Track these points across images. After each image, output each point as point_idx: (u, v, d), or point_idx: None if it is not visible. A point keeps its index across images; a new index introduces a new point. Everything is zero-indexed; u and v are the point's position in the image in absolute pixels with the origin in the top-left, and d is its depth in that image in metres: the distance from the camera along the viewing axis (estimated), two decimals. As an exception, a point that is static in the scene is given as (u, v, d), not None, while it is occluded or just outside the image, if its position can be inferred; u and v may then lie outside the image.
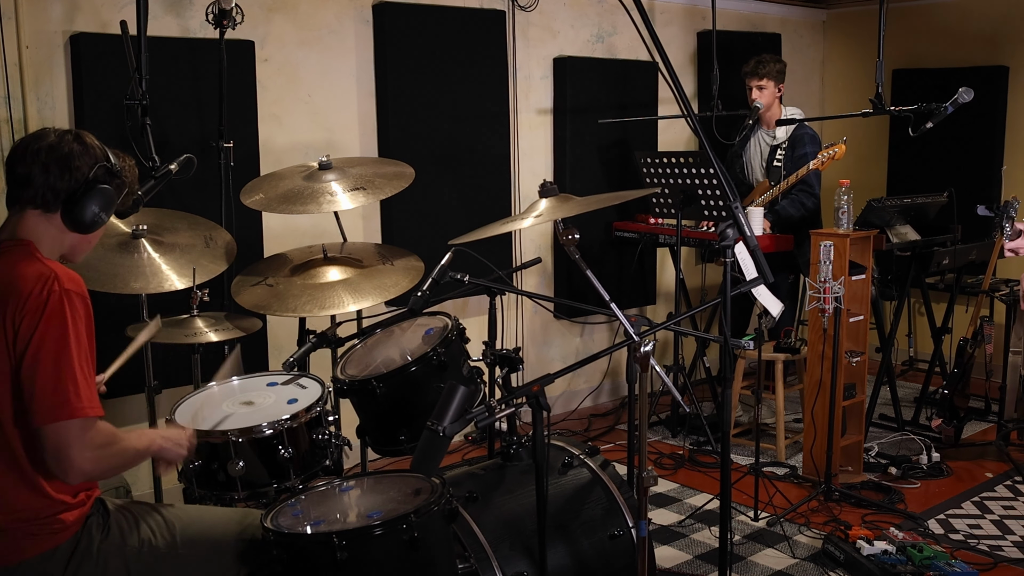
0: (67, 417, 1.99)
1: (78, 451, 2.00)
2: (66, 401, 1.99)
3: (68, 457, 1.99)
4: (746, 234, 2.39)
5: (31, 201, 2.13)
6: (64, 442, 1.99)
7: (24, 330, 1.99)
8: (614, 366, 5.61)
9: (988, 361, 4.81)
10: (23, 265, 2.06)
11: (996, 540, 3.77)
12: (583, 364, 2.46)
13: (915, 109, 4.04)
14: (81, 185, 2.13)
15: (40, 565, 2.08)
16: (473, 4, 4.84)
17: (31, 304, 2.00)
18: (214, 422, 2.59)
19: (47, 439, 2.00)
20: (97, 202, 2.15)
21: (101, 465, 2.07)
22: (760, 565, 3.59)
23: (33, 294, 2.00)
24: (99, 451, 2.05)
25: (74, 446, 2.00)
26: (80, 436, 2.00)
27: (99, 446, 2.05)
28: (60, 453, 1.99)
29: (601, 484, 2.77)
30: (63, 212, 2.14)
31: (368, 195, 3.46)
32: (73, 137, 2.16)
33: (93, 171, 2.15)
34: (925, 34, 6.16)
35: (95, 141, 2.20)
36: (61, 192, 2.13)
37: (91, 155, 2.16)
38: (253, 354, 4.08)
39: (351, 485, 2.54)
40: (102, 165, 2.17)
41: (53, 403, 1.99)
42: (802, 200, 4.87)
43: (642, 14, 2.36)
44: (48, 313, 2.00)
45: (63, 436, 1.99)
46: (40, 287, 2.01)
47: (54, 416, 1.98)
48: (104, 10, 3.81)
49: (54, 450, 2.00)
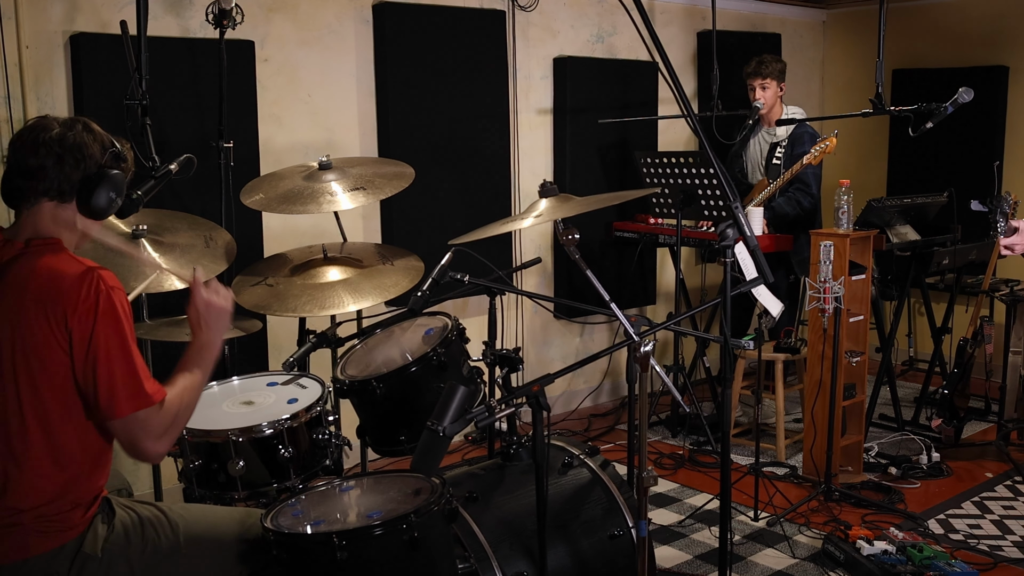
0: (135, 408, 2.07)
1: (151, 437, 2.10)
2: (132, 394, 2.06)
3: (144, 446, 2.10)
4: (746, 234, 2.39)
5: (46, 192, 2.15)
6: (138, 431, 2.09)
7: (82, 331, 2.04)
8: (614, 366, 5.61)
9: (988, 361, 4.81)
10: (61, 265, 2.09)
11: (996, 540, 3.77)
12: (583, 364, 2.46)
13: (915, 109, 4.04)
14: (94, 172, 2.16)
15: (45, 563, 2.08)
16: (473, 4, 4.84)
17: (83, 306, 2.04)
18: (212, 421, 2.60)
19: (119, 431, 2.09)
20: (111, 188, 2.18)
21: (175, 435, 2.17)
22: (760, 565, 3.59)
23: (82, 296, 2.04)
24: (171, 428, 2.14)
25: (146, 433, 2.09)
26: (148, 423, 2.09)
27: (170, 423, 2.13)
28: (136, 442, 2.10)
29: (601, 484, 2.77)
30: (79, 201, 2.17)
31: (368, 195, 3.46)
32: (82, 126, 2.19)
33: (104, 157, 2.18)
34: (925, 34, 6.16)
35: (99, 128, 2.23)
36: (76, 182, 2.15)
37: (100, 142, 2.19)
38: (253, 354, 4.09)
39: (351, 485, 2.54)
40: (111, 151, 2.20)
41: (122, 397, 2.06)
42: (798, 199, 4.87)
43: (642, 14, 2.36)
44: (101, 312, 2.05)
45: (135, 426, 2.08)
46: (87, 288, 2.05)
47: (124, 409, 2.06)
48: (104, 10, 3.81)
49: (129, 441, 2.10)
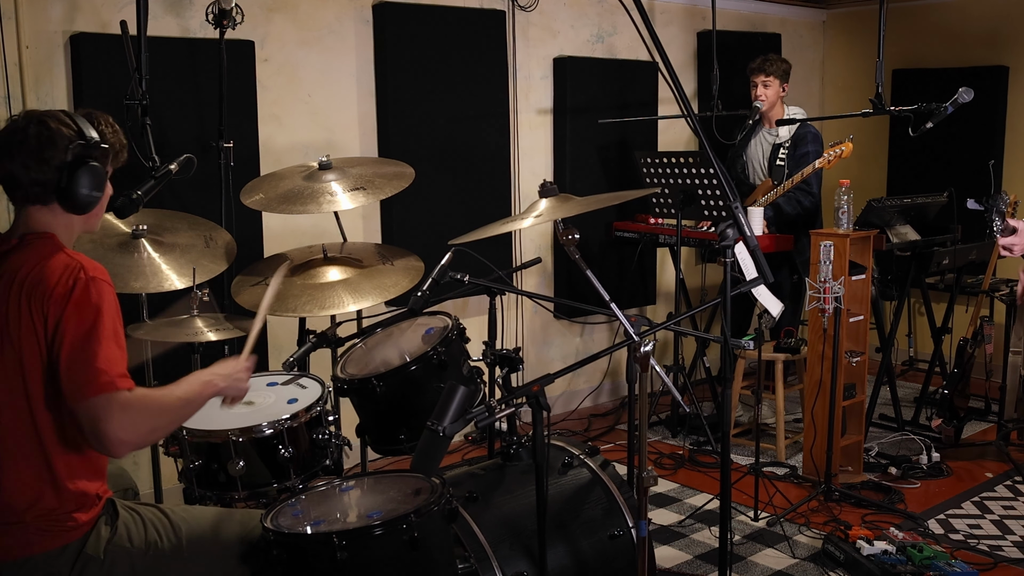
0: (95, 393, 2.00)
1: (110, 424, 2.00)
2: (92, 378, 2.01)
3: (103, 431, 2.00)
4: (746, 234, 2.39)
5: (25, 198, 2.15)
6: (96, 417, 2.00)
7: (52, 319, 2.02)
8: (614, 366, 5.61)
9: (988, 361, 4.81)
10: (49, 257, 2.09)
11: (996, 540, 3.77)
12: (583, 364, 2.46)
13: (915, 109, 4.04)
14: (64, 170, 2.11)
15: (47, 563, 2.08)
16: (473, 4, 4.84)
17: (58, 293, 2.03)
18: (212, 421, 2.60)
19: (82, 418, 2.02)
20: (85, 182, 2.13)
21: (141, 430, 2.07)
22: (760, 565, 3.59)
23: (60, 284, 2.03)
24: (133, 418, 2.04)
25: (105, 419, 2.00)
26: (108, 408, 2.00)
27: (133, 413, 2.04)
28: (96, 428, 2.01)
29: (601, 484, 2.77)
30: (58, 200, 2.14)
31: (368, 195, 3.46)
32: (37, 125, 2.12)
33: (69, 153, 2.12)
34: (925, 34, 6.16)
35: (64, 119, 2.15)
36: (48, 183, 2.12)
37: (62, 137, 2.12)
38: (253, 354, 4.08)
39: (351, 485, 2.54)
40: (77, 144, 2.13)
41: (81, 381, 2.01)
42: (799, 198, 4.87)
43: (642, 14, 2.36)
44: (74, 300, 2.03)
45: (94, 412, 2.00)
46: (67, 277, 2.04)
47: (83, 394, 2.00)
48: (104, 10, 3.81)
49: (90, 427, 2.01)
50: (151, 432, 2.12)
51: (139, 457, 3.98)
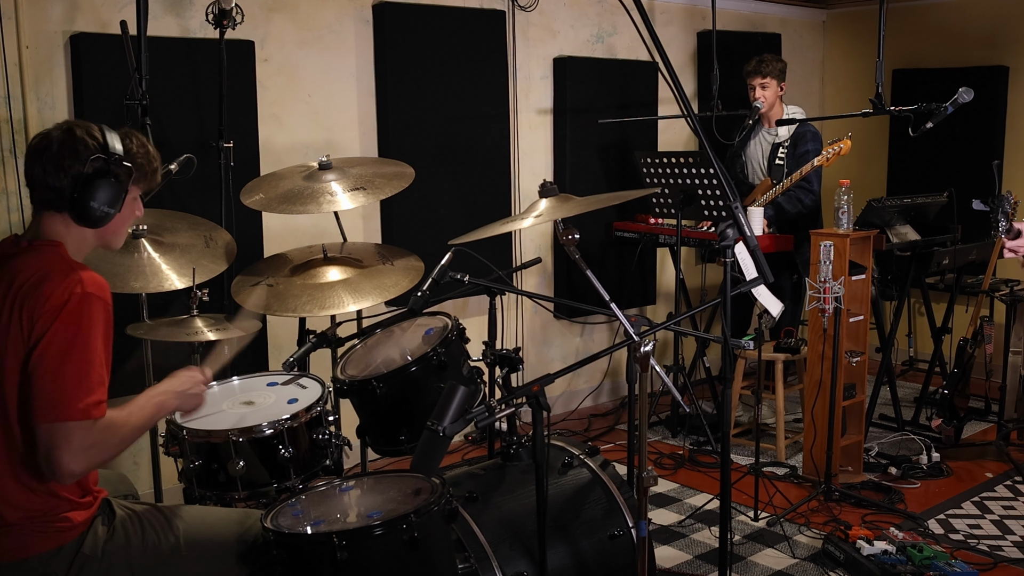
0: (63, 419, 1.97)
1: (68, 454, 1.96)
2: (62, 402, 1.97)
3: (57, 459, 1.96)
4: (746, 234, 2.39)
5: (41, 202, 2.14)
6: (55, 443, 1.96)
7: (38, 328, 1.99)
8: (614, 366, 5.61)
9: (988, 361, 4.80)
10: (50, 266, 2.06)
11: (996, 540, 3.77)
12: (583, 364, 2.46)
13: (915, 109, 4.04)
14: (80, 181, 2.09)
15: (44, 564, 2.08)
16: (473, 4, 4.84)
17: (50, 304, 2.00)
18: (212, 421, 2.60)
19: (40, 437, 1.98)
20: (99, 197, 2.10)
21: (93, 463, 2.05)
22: (760, 565, 3.59)
23: (55, 294, 2.00)
24: (89, 451, 2.00)
25: (63, 448, 1.96)
26: (70, 438, 1.97)
27: (92, 446, 2.00)
28: (50, 454, 1.97)
29: (601, 484, 2.77)
30: (70, 210, 2.11)
31: (368, 195, 3.46)
32: (63, 132, 2.12)
33: (88, 164, 2.10)
34: (925, 34, 6.16)
35: (92, 131, 2.14)
36: (63, 190, 2.10)
37: (85, 148, 2.11)
38: (253, 354, 4.09)
39: (351, 485, 2.54)
40: (97, 157, 2.11)
41: (52, 402, 1.97)
42: (800, 197, 4.87)
43: (642, 14, 2.36)
44: (65, 314, 1.99)
45: (56, 437, 1.96)
46: (62, 289, 2.01)
47: (51, 416, 1.97)
48: (104, 10, 3.81)
49: (45, 449, 1.97)
50: (103, 462, 2.09)
51: (139, 457, 3.98)
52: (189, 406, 2.35)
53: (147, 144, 2.23)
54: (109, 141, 2.14)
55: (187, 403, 2.33)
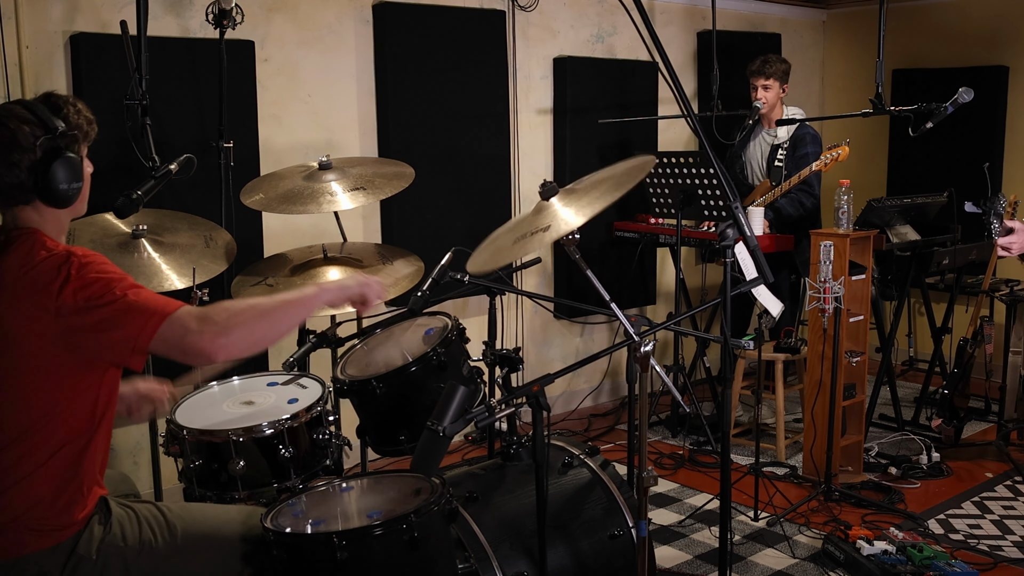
0: (161, 318, 1.95)
1: (194, 334, 1.95)
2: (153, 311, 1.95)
3: (192, 343, 1.95)
4: (746, 234, 2.38)
5: (7, 201, 2.10)
6: (180, 332, 1.94)
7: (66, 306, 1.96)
8: (614, 366, 5.61)
9: (988, 361, 4.81)
10: (37, 254, 2.04)
11: (996, 540, 3.77)
12: (583, 364, 2.46)
13: (915, 109, 4.04)
14: (37, 169, 2.05)
15: (39, 562, 2.08)
16: (473, 4, 4.84)
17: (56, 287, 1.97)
18: (212, 421, 2.60)
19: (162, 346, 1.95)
20: (62, 176, 2.07)
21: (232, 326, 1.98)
22: (760, 565, 3.59)
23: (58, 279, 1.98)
24: (214, 319, 1.97)
25: (191, 329, 1.94)
26: (186, 320, 1.95)
27: (206, 317, 1.97)
28: (184, 342, 1.94)
29: (601, 484, 2.77)
30: (39, 198, 2.08)
31: (368, 195, 3.46)
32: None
33: (38, 150, 2.05)
34: (925, 34, 6.16)
35: (24, 114, 2.07)
36: (24, 184, 2.06)
37: (25, 136, 2.05)
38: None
39: (351, 485, 2.54)
40: (43, 139, 2.06)
41: (141, 322, 1.95)
42: (801, 199, 4.87)
43: (642, 14, 2.36)
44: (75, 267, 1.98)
45: (173, 329, 1.95)
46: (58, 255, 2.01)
47: (151, 326, 1.94)
48: (104, 10, 3.81)
49: (178, 345, 1.95)
50: (247, 331, 2.01)
51: (139, 457, 3.98)
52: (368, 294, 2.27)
53: (76, 102, 2.17)
54: (45, 118, 2.08)
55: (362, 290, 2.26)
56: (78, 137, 2.13)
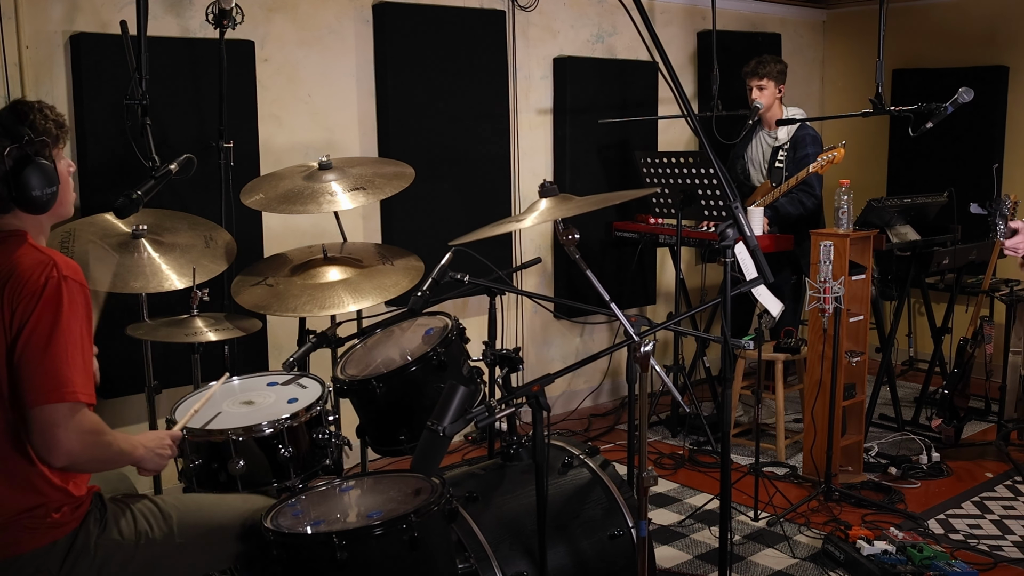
0: (57, 400, 1.98)
1: (65, 432, 1.98)
2: (58, 384, 1.98)
3: (55, 436, 1.97)
4: (746, 234, 2.38)
5: None
6: (52, 422, 1.97)
7: (20, 314, 1.99)
8: (614, 366, 5.61)
9: (988, 361, 4.81)
10: (20, 253, 2.06)
11: (996, 540, 3.77)
12: (583, 364, 2.46)
13: (915, 109, 4.04)
14: (9, 179, 2.07)
15: (36, 560, 2.08)
16: (473, 4, 4.84)
17: (28, 289, 2.00)
18: (212, 421, 2.60)
19: (35, 420, 1.98)
20: (34, 184, 2.08)
21: (88, 451, 2.04)
22: (760, 565, 3.59)
23: (31, 279, 2.01)
24: (86, 436, 2.02)
25: (61, 426, 1.98)
26: (68, 418, 1.99)
27: (87, 431, 2.03)
28: (47, 432, 1.97)
29: (601, 484, 2.77)
30: (18, 207, 2.10)
31: (368, 195, 3.46)
32: None
33: (7, 160, 2.07)
34: (925, 34, 6.16)
35: None
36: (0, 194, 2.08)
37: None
38: (253, 354, 4.09)
39: (351, 485, 2.54)
40: (11, 149, 2.07)
41: (44, 385, 1.98)
42: (801, 199, 4.88)
43: (642, 14, 2.36)
44: (45, 298, 2.00)
45: (52, 417, 1.98)
46: (38, 273, 2.02)
47: (44, 398, 1.98)
48: (104, 10, 3.81)
49: (41, 431, 1.98)
50: (93, 459, 2.09)
51: (139, 457, 3.98)
52: (150, 465, 2.31)
53: (43, 107, 2.18)
54: (11, 128, 2.09)
55: (150, 460, 2.30)
56: (47, 142, 2.14)
